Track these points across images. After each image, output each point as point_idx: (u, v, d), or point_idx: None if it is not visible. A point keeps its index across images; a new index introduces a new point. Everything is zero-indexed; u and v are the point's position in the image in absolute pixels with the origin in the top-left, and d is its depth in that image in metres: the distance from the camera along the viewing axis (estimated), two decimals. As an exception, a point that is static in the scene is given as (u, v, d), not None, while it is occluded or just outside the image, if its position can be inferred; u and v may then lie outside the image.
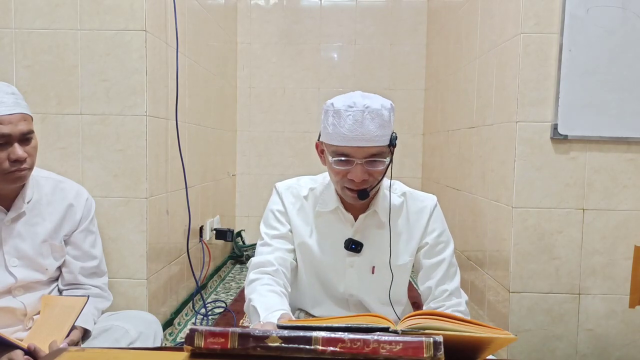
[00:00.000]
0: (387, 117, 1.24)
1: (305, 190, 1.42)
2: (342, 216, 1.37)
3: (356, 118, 1.21)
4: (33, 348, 1.26)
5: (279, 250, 1.37)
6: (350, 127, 1.21)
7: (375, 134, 1.21)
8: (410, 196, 1.41)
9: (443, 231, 1.39)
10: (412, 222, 1.39)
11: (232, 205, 3.98)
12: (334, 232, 1.38)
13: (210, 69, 3.07)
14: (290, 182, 1.45)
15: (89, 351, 0.91)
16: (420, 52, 3.88)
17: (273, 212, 1.41)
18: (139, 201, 2.02)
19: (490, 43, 2.26)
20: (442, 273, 1.35)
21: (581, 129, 1.90)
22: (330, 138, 1.25)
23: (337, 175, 1.27)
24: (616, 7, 1.86)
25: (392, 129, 1.27)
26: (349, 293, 1.41)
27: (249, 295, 1.27)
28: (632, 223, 1.94)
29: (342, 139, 1.22)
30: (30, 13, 1.96)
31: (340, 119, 1.22)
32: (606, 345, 1.98)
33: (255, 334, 0.75)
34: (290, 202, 1.41)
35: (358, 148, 1.22)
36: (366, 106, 1.22)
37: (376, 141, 1.22)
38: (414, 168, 3.94)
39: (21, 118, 1.36)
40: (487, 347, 0.84)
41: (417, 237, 1.38)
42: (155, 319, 1.63)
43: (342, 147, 1.23)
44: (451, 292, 1.34)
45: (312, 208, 1.40)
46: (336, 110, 1.23)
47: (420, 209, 1.39)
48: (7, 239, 1.45)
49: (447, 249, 1.38)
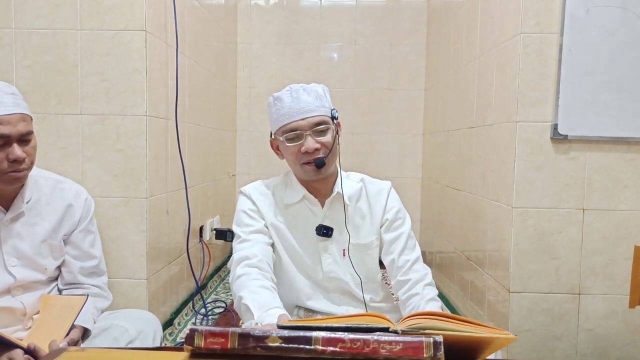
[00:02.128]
0: (322, 92, 1.39)
1: (271, 188, 1.51)
2: (309, 204, 1.46)
3: (293, 95, 1.36)
4: (33, 347, 1.26)
5: (258, 243, 1.41)
6: (289, 103, 1.35)
7: (314, 104, 1.35)
8: (368, 181, 1.53)
9: (400, 209, 1.51)
10: (373, 203, 1.50)
11: (232, 205, 3.96)
12: (305, 221, 1.46)
13: (210, 69, 3.07)
14: (254, 184, 1.54)
15: (89, 351, 0.91)
16: (420, 52, 3.88)
17: (245, 212, 1.47)
18: (139, 201, 2.02)
19: (490, 43, 2.26)
20: (402, 245, 1.46)
21: (581, 129, 1.90)
22: (277, 122, 1.38)
23: (292, 154, 1.38)
24: (616, 7, 1.86)
25: (330, 105, 1.41)
26: (327, 277, 1.46)
27: (238, 293, 1.29)
28: (632, 223, 1.94)
29: (286, 116, 1.35)
30: (30, 13, 1.96)
31: (280, 102, 1.37)
32: (606, 345, 1.98)
33: (255, 334, 0.75)
34: (260, 200, 1.48)
35: (301, 120, 1.34)
36: (300, 86, 1.38)
37: (316, 111, 1.35)
38: (414, 168, 3.94)
39: (20, 118, 1.36)
40: (487, 347, 0.85)
41: (379, 215, 1.49)
42: (154, 318, 1.63)
43: (288, 124, 1.35)
44: (413, 261, 1.44)
45: (281, 202, 1.47)
46: (276, 97, 1.39)
47: (378, 191, 1.51)
48: (7, 239, 1.45)
49: (405, 224, 1.49)
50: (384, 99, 3.93)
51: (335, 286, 1.47)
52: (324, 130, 1.36)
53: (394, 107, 3.91)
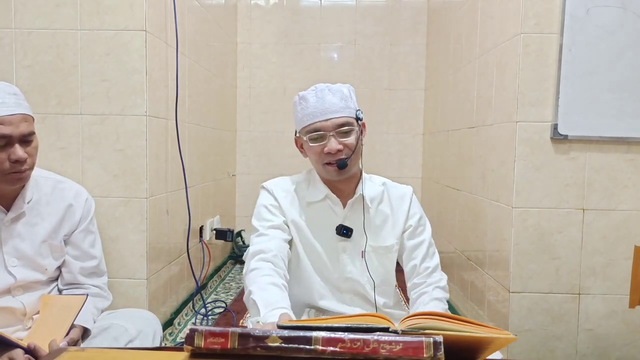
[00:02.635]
0: (347, 93, 1.38)
1: (293, 184, 1.50)
2: (331, 203, 1.45)
3: (318, 95, 1.36)
4: (33, 347, 1.26)
5: (275, 238, 1.41)
6: (314, 103, 1.35)
7: (338, 105, 1.34)
8: (390, 185, 1.53)
9: (422, 215, 1.52)
10: (395, 207, 1.49)
11: (232, 205, 3.98)
12: (325, 220, 1.45)
13: (210, 69, 3.07)
14: (276, 180, 1.53)
15: (89, 351, 0.91)
16: (420, 52, 3.88)
17: (266, 206, 1.47)
18: (139, 201, 2.02)
19: (490, 43, 2.26)
20: (424, 252, 1.47)
21: (581, 129, 1.90)
22: (302, 121, 1.37)
23: (315, 154, 1.38)
24: (616, 7, 1.85)
25: (355, 105, 1.39)
26: (343, 277, 1.46)
27: (249, 287, 1.28)
28: (632, 223, 1.94)
29: (311, 116, 1.35)
30: (30, 13, 1.96)
31: (305, 102, 1.37)
32: (606, 345, 1.98)
33: (255, 334, 0.75)
34: (282, 196, 1.47)
35: (326, 121, 1.34)
36: (325, 86, 1.38)
37: (341, 112, 1.34)
38: (414, 168, 3.94)
39: (22, 119, 1.36)
40: (487, 347, 0.85)
41: (402, 221, 1.49)
42: (154, 317, 1.63)
43: (312, 124, 1.35)
44: (433, 268, 1.46)
45: (303, 199, 1.47)
46: (301, 96, 1.38)
47: (400, 196, 1.51)
48: (7, 239, 1.45)
49: (426, 231, 1.51)
50: (384, 99, 3.93)
51: (350, 287, 1.46)
52: (347, 132, 1.35)
53: (394, 107, 3.91)
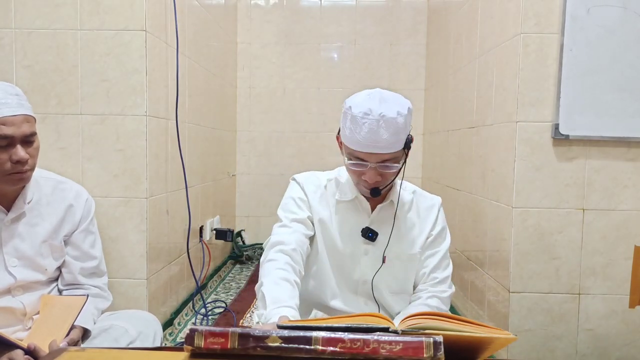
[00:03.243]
0: (402, 124, 1.29)
1: (324, 181, 1.49)
2: (360, 205, 1.44)
3: (371, 127, 1.26)
4: (33, 347, 1.26)
5: (297, 232, 1.40)
6: (365, 135, 1.26)
7: (389, 141, 1.27)
8: (419, 193, 1.52)
9: (445, 227, 1.50)
10: (423, 216, 1.48)
11: (232, 205, 3.98)
12: (352, 220, 1.44)
13: (210, 69, 3.07)
14: (307, 174, 1.51)
15: (89, 351, 0.91)
16: (420, 52, 3.88)
17: (294, 199, 1.46)
18: (139, 201, 2.02)
19: (490, 43, 2.26)
20: (436, 262, 1.45)
21: (582, 129, 1.90)
22: (347, 141, 1.31)
23: (352, 173, 1.37)
24: (616, 7, 1.85)
25: (407, 132, 1.32)
26: (362, 280, 1.45)
27: (262, 278, 1.29)
28: (632, 223, 1.94)
29: (357, 144, 1.28)
30: (30, 13, 1.96)
31: (356, 126, 1.27)
32: (606, 345, 1.98)
33: (255, 334, 0.75)
34: (312, 191, 1.47)
35: (371, 154, 1.29)
36: (382, 114, 1.26)
37: (390, 148, 1.28)
38: (414, 168, 3.93)
39: (24, 119, 1.36)
40: (487, 347, 0.85)
41: (427, 230, 1.47)
42: (154, 318, 1.63)
43: (357, 152, 1.30)
44: (441, 280, 1.44)
45: (332, 197, 1.47)
46: (353, 116, 1.28)
47: (430, 206, 1.50)
48: (7, 239, 1.45)
49: (445, 243, 1.48)
50: (384, 99, 3.92)
51: (365, 291, 1.45)
52: (390, 165, 1.32)
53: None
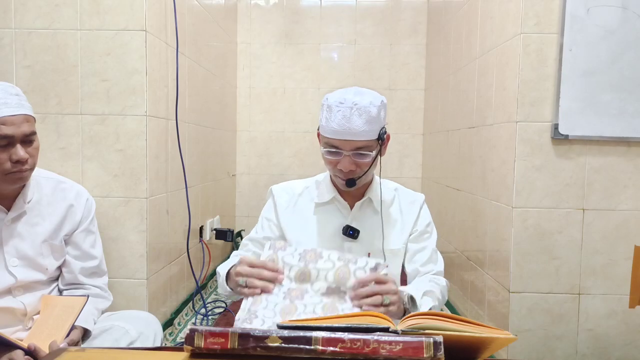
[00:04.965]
0: (375, 114, 1.32)
1: (300, 189, 1.52)
2: (339, 205, 1.47)
3: (344, 114, 1.30)
4: (33, 348, 1.26)
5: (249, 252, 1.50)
6: (339, 122, 1.31)
7: (361, 129, 1.30)
8: (402, 191, 1.54)
9: (430, 222, 1.52)
10: (405, 212, 1.50)
11: (232, 205, 3.98)
12: (332, 220, 1.47)
13: (210, 69, 3.07)
14: (284, 184, 1.56)
15: (89, 351, 0.91)
16: (420, 52, 3.88)
17: (261, 218, 1.53)
18: (139, 201, 2.02)
19: (490, 43, 2.26)
20: (426, 257, 1.47)
21: (581, 129, 1.90)
22: (323, 130, 1.35)
23: (328, 163, 1.39)
24: (616, 7, 1.85)
25: (381, 124, 1.35)
26: None
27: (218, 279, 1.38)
28: (632, 223, 1.94)
29: (332, 132, 1.32)
30: (30, 13, 1.96)
31: (331, 114, 1.32)
32: (606, 345, 1.98)
33: (255, 334, 0.75)
34: (285, 200, 1.50)
35: (345, 141, 1.32)
36: (355, 103, 1.30)
37: (362, 136, 1.31)
38: (414, 168, 3.94)
39: (24, 119, 1.36)
40: (487, 347, 0.85)
41: (410, 225, 1.49)
42: (155, 319, 1.63)
43: (331, 140, 1.33)
44: (436, 272, 1.47)
45: (310, 201, 1.49)
46: (329, 106, 1.34)
47: (412, 201, 1.52)
48: (8, 239, 1.45)
49: (432, 239, 1.51)
50: (384, 99, 3.92)
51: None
52: (364, 153, 1.34)
53: (394, 107, 3.91)
